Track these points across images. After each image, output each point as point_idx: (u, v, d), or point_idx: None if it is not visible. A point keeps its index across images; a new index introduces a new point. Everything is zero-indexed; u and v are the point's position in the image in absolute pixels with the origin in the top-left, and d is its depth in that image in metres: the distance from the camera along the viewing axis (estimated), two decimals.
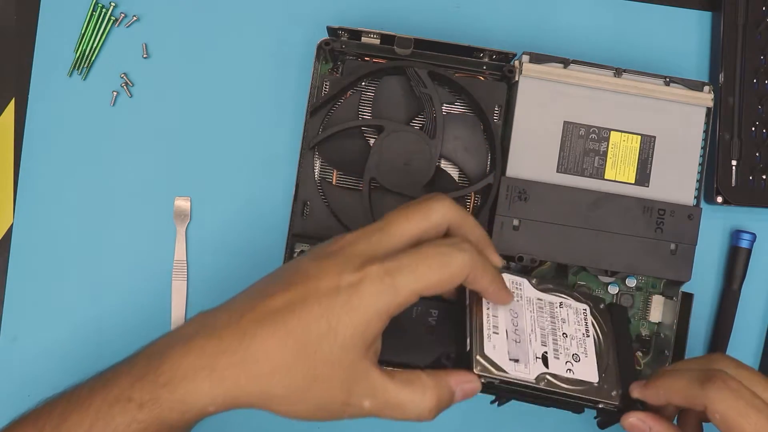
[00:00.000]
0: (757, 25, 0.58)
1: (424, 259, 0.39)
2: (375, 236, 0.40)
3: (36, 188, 0.58)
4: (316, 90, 0.54)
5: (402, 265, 0.39)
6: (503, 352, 0.46)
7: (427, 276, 0.39)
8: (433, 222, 0.41)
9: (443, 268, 0.40)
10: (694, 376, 0.43)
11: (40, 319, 0.57)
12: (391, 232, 0.41)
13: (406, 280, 0.39)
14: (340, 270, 0.39)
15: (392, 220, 0.41)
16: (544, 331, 0.48)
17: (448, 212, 0.42)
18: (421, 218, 0.41)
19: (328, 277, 0.39)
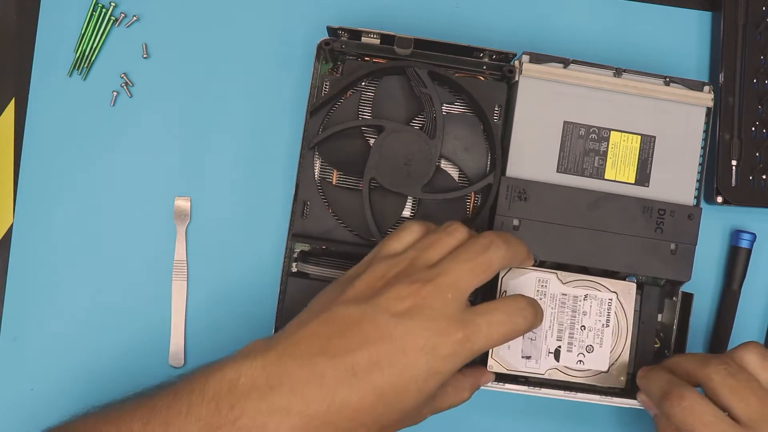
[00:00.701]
0: (757, 25, 0.58)
1: (500, 325, 0.42)
2: (449, 294, 0.41)
3: (36, 188, 0.58)
4: (316, 90, 0.53)
5: (480, 331, 0.41)
6: (517, 350, 0.51)
7: (499, 334, 0.42)
8: (492, 274, 0.44)
9: (515, 327, 0.43)
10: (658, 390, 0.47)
11: (40, 319, 0.57)
12: (462, 291, 0.42)
13: (482, 344, 0.42)
14: (425, 335, 0.40)
15: (459, 277, 0.42)
16: (562, 326, 0.52)
17: (503, 261, 0.44)
18: (485, 274, 0.43)
19: (413, 341, 0.40)
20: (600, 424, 0.58)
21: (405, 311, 0.40)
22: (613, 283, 0.52)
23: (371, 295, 0.41)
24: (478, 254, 0.43)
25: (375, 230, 0.51)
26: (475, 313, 0.42)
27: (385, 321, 0.40)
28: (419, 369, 0.40)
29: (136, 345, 0.57)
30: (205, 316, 0.57)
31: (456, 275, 0.42)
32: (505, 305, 0.43)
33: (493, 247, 0.43)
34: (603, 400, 0.52)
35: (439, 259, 0.43)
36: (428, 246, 0.43)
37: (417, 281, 0.41)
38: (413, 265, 0.42)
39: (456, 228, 0.44)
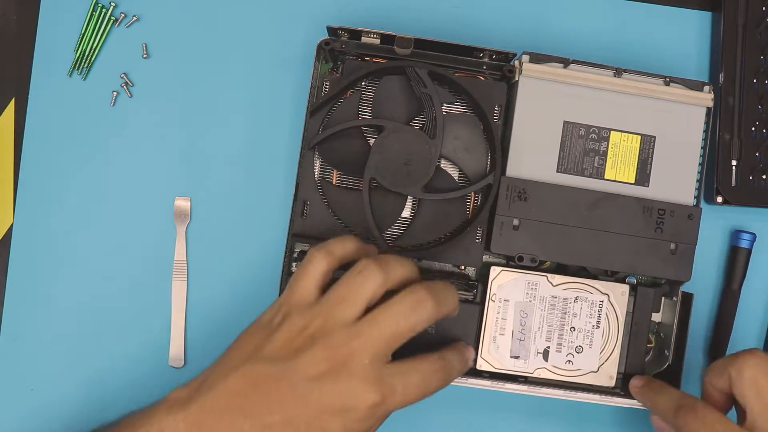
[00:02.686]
0: (757, 25, 0.58)
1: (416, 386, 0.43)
2: (366, 360, 0.41)
3: (36, 188, 0.58)
4: (316, 90, 0.53)
5: (396, 393, 0.42)
6: (506, 350, 0.52)
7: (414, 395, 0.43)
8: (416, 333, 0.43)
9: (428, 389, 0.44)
10: (671, 405, 0.48)
11: (40, 319, 0.57)
12: (380, 355, 0.42)
13: (397, 404, 0.42)
14: (340, 399, 0.41)
15: (378, 342, 0.42)
16: (551, 327, 0.52)
17: (430, 321, 0.43)
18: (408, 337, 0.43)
19: (328, 405, 0.41)
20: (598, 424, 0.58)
21: (321, 375, 0.41)
22: (605, 285, 0.52)
23: (288, 356, 0.41)
24: (401, 318, 0.42)
25: (375, 230, 0.51)
26: (392, 374, 0.42)
27: (301, 384, 0.41)
28: (331, 429, 0.41)
29: (136, 345, 0.57)
30: (205, 316, 0.57)
31: (375, 341, 0.41)
32: (423, 366, 0.43)
33: (420, 309, 0.42)
34: (603, 400, 0.52)
35: (356, 315, 0.42)
36: (342, 299, 0.42)
37: (332, 346, 0.41)
38: (328, 324, 0.42)
39: (368, 276, 0.43)
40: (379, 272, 0.42)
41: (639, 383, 0.52)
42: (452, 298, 0.45)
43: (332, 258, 0.44)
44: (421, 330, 0.43)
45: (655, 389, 0.51)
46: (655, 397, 0.50)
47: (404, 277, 0.44)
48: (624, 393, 0.53)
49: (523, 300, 0.52)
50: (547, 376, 0.52)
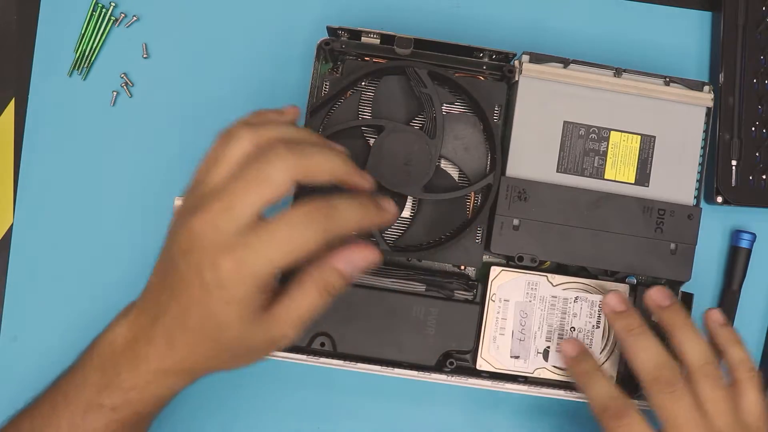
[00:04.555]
0: (757, 25, 0.58)
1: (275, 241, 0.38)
2: (221, 222, 0.38)
3: (36, 188, 0.58)
4: (316, 90, 0.53)
5: (255, 251, 0.38)
6: (506, 350, 0.52)
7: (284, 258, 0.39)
8: (281, 188, 0.39)
9: (298, 247, 0.39)
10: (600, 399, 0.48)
11: (40, 319, 0.57)
12: (235, 215, 0.38)
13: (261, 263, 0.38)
14: (202, 269, 0.39)
15: (231, 200, 0.39)
16: (551, 327, 0.52)
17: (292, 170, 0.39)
18: (266, 190, 0.39)
19: (196, 278, 0.39)
20: None
21: (186, 249, 0.39)
22: (605, 285, 0.52)
23: (169, 237, 0.41)
24: (260, 170, 0.39)
25: (375, 230, 0.51)
26: (249, 233, 0.38)
27: (178, 263, 0.40)
28: (211, 306, 0.39)
29: None
30: None
31: (229, 199, 0.38)
32: (285, 214, 0.39)
33: (278, 161, 0.39)
34: None
35: (224, 177, 0.40)
36: (209, 163, 0.41)
37: (191, 213, 0.39)
38: (196, 193, 0.40)
39: (233, 135, 0.41)
40: (246, 130, 0.41)
41: (572, 352, 0.51)
42: (321, 151, 0.41)
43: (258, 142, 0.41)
44: (285, 183, 0.39)
45: (587, 372, 0.49)
46: (587, 382, 0.49)
47: (280, 136, 0.41)
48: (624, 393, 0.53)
49: (523, 300, 0.52)
50: (547, 376, 0.52)
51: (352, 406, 0.58)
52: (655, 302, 0.50)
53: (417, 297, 0.52)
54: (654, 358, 0.47)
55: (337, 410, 0.57)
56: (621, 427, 0.46)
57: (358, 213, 0.41)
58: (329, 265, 0.41)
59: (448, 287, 0.52)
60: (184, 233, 0.39)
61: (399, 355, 0.52)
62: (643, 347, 0.48)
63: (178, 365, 0.42)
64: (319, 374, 0.56)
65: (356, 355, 0.52)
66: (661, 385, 0.46)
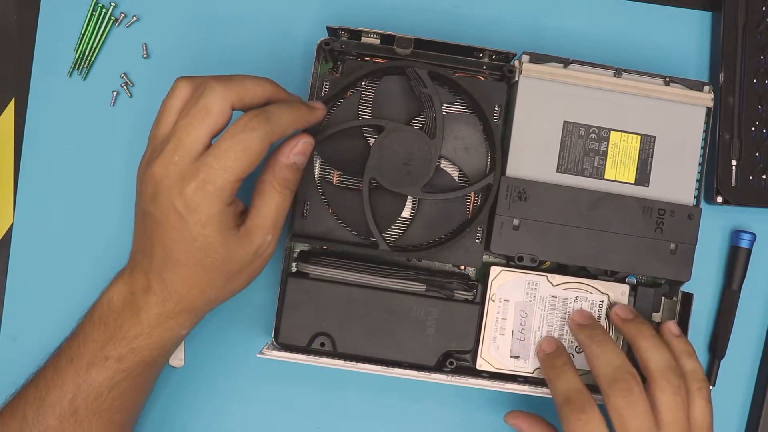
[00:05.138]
0: (757, 25, 0.58)
1: (226, 153, 0.43)
2: (176, 157, 0.43)
3: (36, 188, 0.58)
4: (316, 90, 0.53)
5: (212, 167, 0.43)
6: (506, 350, 0.52)
7: (238, 166, 0.43)
8: (218, 120, 0.44)
9: (246, 153, 0.43)
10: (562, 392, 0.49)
11: (40, 319, 0.57)
12: (186, 147, 0.43)
13: (223, 177, 0.43)
14: (171, 201, 0.43)
15: (182, 135, 0.44)
16: (551, 327, 0.52)
17: (225, 102, 0.44)
18: (206, 119, 0.44)
19: (170, 213, 0.43)
20: None
21: (153, 193, 0.44)
22: (605, 285, 0.53)
23: (138, 189, 0.46)
24: (193, 106, 0.44)
25: (375, 230, 0.51)
26: (203, 156, 0.43)
27: (149, 209, 0.45)
28: (191, 234, 0.44)
29: None
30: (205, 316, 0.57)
31: (178, 136, 0.43)
32: (227, 132, 0.44)
33: (207, 90, 0.44)
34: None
35: (169, 125, 0.45)
36: (158, 119, 0.46)
37: (152, 160, 0.44)
38: (150, 147, 0.46)
39: (171, 90, 0.46)
40: (185, 81, 0.46)
41: (549, 348, 0.52)
42: (284, 115, 0.45)
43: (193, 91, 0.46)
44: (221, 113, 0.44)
45: (559, 367, 0.50)
46: (555, 375, 0.49)
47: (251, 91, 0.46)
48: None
49: (523, 300, 0.52)
50: None
51: (352, 406, 0.58)
52: (618, 316, 0.51)
53: (417, 297, 0.52)
54: (612, 362, 0.48)
55: (337, 410, 0.57)
56: (579, 421, 0.46)
57: (291, 113, 0.46)
58: (276, 163, 0.46)
59: (448, 287, 0.52)
60: (148, 181, 0.44)
61: (399, 355, 0.52)
62: (603, 352, 0.48)
63: (179, 305, 0.46)
64: (319, 374, 0.56)
65: (356, 355, 0.52)
66: (618, 389, 0.47)
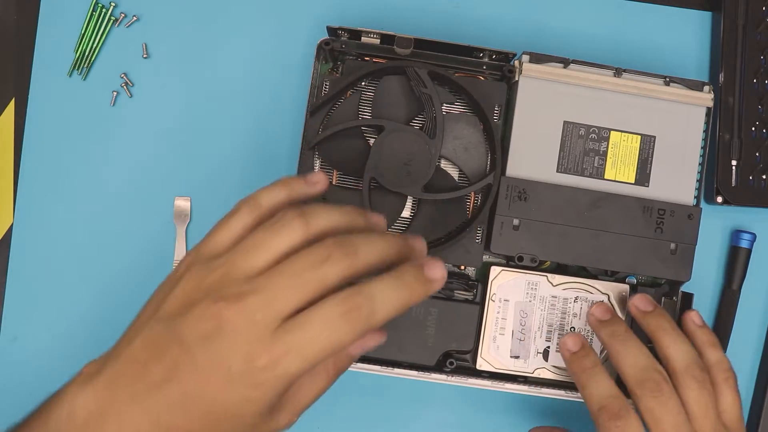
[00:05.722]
0: (757, 25, 0.58)
1: (316, 340, 0.35)
2: (259, 315, 0.35)
3: (36, 188, 0.58)
4: (316, 90, 0.53)
5: (291, 351, 0.35)
6: (506, 350, 0.52)
7: (319, 357, 0.36)
8: (328, 289, 0.36)
9: (334, 346, 0.36)
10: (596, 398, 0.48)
11: (40, 319, 0.57)
12: (276, 311, 0.36)
13: (298, 365, 0.36)
14: (228, 361, 0.35)
15: (274, 295, 0.36)
16: (551, 327, 0.52)
17: (345, 274, 0.36)
18: (314, 291, 0.36)
19: (217, 369, 0.36)
20: None
21: (208, 334, 0.35)
22: (605, 285, 0.53)
23: (181, 313, 0.37)
24: (306, 269, 0.36)
25: None
26: (287, 330, 0.35)
27: (191, 344, 0.36)
28: (229, 399, 0.36)
29: None
30: None
31: (271, 293, 0.36)
32: (321, 310, 0.36)
33: (330, 262, 0.36)
34: None
35: (263, 267, 0.37)
36: (251, 249, 0.37)
37: (223, 299, 0.36)
38: (228, 276, 0.37)
39: (284, 225, 0.37)
40: (298, 222, 0.37)
41: (573, 347, 0.50)
42: (374, 246, 0.38)
43: (260, 211, 0.39)
44: (337, 285, 0.36)
45: (588, 369, 0.49)
46: (585, 380, 0.48)
47: (330, 227, 0.38)
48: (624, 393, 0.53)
49: (523, 300, 0.52)
50: (547, 376, 0.52)
51: (351, 406, 0.58)
52: (638, 309, 0.51)
53: None
54: (639, 362, 0.47)
55: (336, 410, 0.57)
56: (617, 428, 0.46)
57: (401, 297, 0.37)
58: (343, 352, 0.39)
59: (448, 287, 0.52)
60: (210, 317, 0.36)
61: (399, 355, 0.52)
62: (628, 352, 0.48)
63: None
64: None
65: None
66: (647, 389, 0.46)
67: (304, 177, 0.41)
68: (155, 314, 0.38)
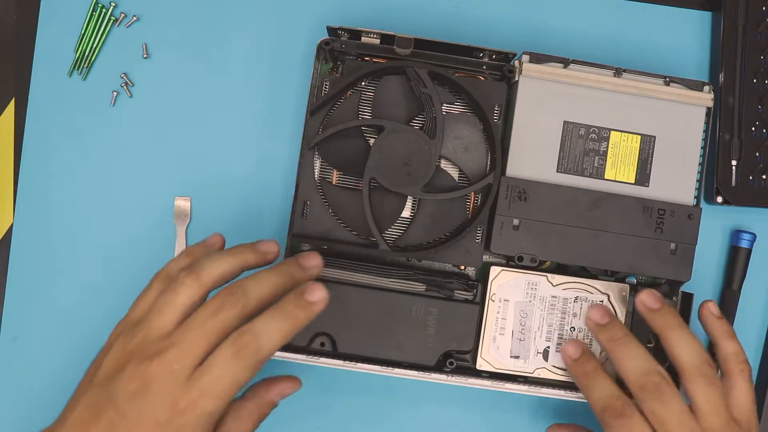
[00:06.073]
0: (757, 25, 0.58)
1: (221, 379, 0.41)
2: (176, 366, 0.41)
3: (36, 188, 0.58)
4: (316, 90, 0.53)
5: (206, 392, 0.41)
6: (506, 350, 0.52)
7: (231, 392, 0.41)
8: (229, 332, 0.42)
9: (237, 385, 0.41)
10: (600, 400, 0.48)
11: (40, 319, 0.57)
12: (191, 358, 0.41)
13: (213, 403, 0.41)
14: (155, 412, 0.40)
15: (186, 347, 0.41)
16: (551, 327, 0.52)
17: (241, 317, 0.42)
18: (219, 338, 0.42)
19: (147, 420, 0.40)
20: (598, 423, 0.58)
21: (136, 391, 0.41)
22: (605, 285, 0.53)
23: (112, 377, 0.42)
24: (207, 320, 0.42)
25: (375, 230, 0.51)
26: (197, 377, 0.41)
27: (123, 405, 0.41)
28: None
29: None
30: None
31: (183, 346, 0.41)
32: (217, 355, 0.41)
33: (224, 309, 0.42)
34: None
35: (174, 324, 0.42)
36: (159, 311, 0.43)
37: (145, 359, 0.41)
38: (147, 337, 0.42)
39: (180, 284, 0.43)
40: (190, 279, 0.43)
41: (575, 354, 0.51)
42: (264, 285, 0.43)
43: (170, 279, 0.45)
44: (234, 324, 0.42)
45: (589, 373, 0.49)
46: (588, 383, 0.49)
47: (220, 274, 0.44)
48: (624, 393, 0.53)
49: (523, 300, 0.52)
50: (547, 376, 0.52)
51: (351, 406, 0.58)
52: (645, 306, 0.50)
53: (417, 297, 0.52)
54: (640, 366, 0.48)
55: (337, 410, 0.57)
56: (621, 426, 0.46)
57: (284, 328, 0.43)
58: (265, 398, 0.46)
59: (448, 287, 0.52)
60: (136, 376, 0.41)
61: (399, 355, 0.52)
62: (628, 356, 0.48)
63: None
64: (319, 374, 0.56)
65: (356, 355, 0.52)
66: (649, 392, 0.47)
67: (204, 241, 0.49)
68: (92, 380, 0.43)
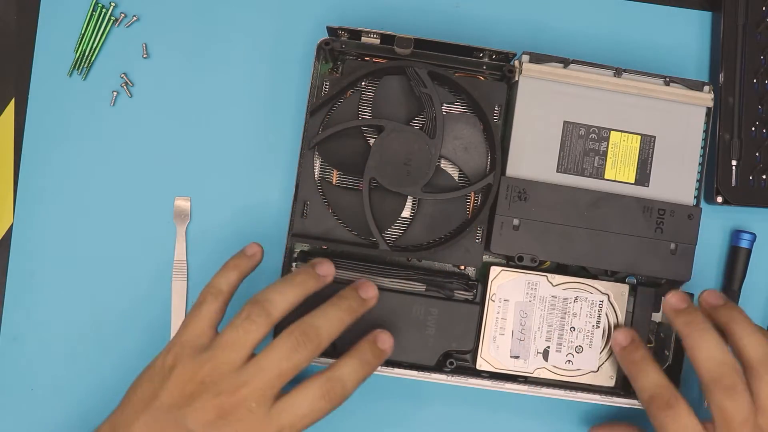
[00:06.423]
0: (757, 25, 0.58)
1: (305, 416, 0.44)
2: (253, 403, 0.44)
3: (36, 188, 0.58)
4: (316, 90, 0.54)
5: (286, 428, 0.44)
6: (506, 350, 0.52)
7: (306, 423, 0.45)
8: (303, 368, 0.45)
9: (319, 413, 0.45)
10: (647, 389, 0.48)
11: (40, 319, 0.57)
12: (267, 397, 0.44)
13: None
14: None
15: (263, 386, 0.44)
16: (551, 327, 0.52)
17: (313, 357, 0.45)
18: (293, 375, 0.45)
19: None
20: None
21: (213, 422, 0.43)
22: (605, 285, 0.53)
23: (182, 403, 0.44)
24: (282, 361, 0.44)
25: (375, 230, 0.51)
26: (279, 411, 0.44)
27: (197, 430, 0.43)
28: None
29: (136, 345, 0.57)
30: None
31: (259, 385, 0.44)
32: (307, 395, 0.44)
33: (299, 351, 0.44)
34: (603, 400, 0.52)
35: (243, 360, 0.44)
36: (229, 347, 0.45)
37: (221, 393, 0.43)
38: (217, 370, 0.44)
39: (251, 322, 0.45)
40: (261, 316, 0.45)
41: (624, 341, 0.51)
42: (334, 323, 0.46)
43: (223, 296, 0.48)
44: (308, 364, 0.45)
45: (637, 362, 0.49)
46: (636, 371, 0.49)
47: (288, 307, 0.46)
48: (624, 393, 0.53)
49: (523, 300, 0.52)
50: (547, 376, 0.52)
51: (351, 406, 0.57)
52: (709, 303, 0.50)
53: (417, 297, 0.52)
54: (716, 356, 0.47)
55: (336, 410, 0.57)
56: (668, 417, 0.46)
57: (365, 372, 0.46)
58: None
59: (448, 287, 0.52)
60: (212, 408, 0.43)
61: (399, 355, 0.52)
62: (704, 344, 0.47)
63: None
64: None
65: None
66: (722, 386, 0.46)
67: (244, 252, 0.49)
68: (154, 401, 0.44)
